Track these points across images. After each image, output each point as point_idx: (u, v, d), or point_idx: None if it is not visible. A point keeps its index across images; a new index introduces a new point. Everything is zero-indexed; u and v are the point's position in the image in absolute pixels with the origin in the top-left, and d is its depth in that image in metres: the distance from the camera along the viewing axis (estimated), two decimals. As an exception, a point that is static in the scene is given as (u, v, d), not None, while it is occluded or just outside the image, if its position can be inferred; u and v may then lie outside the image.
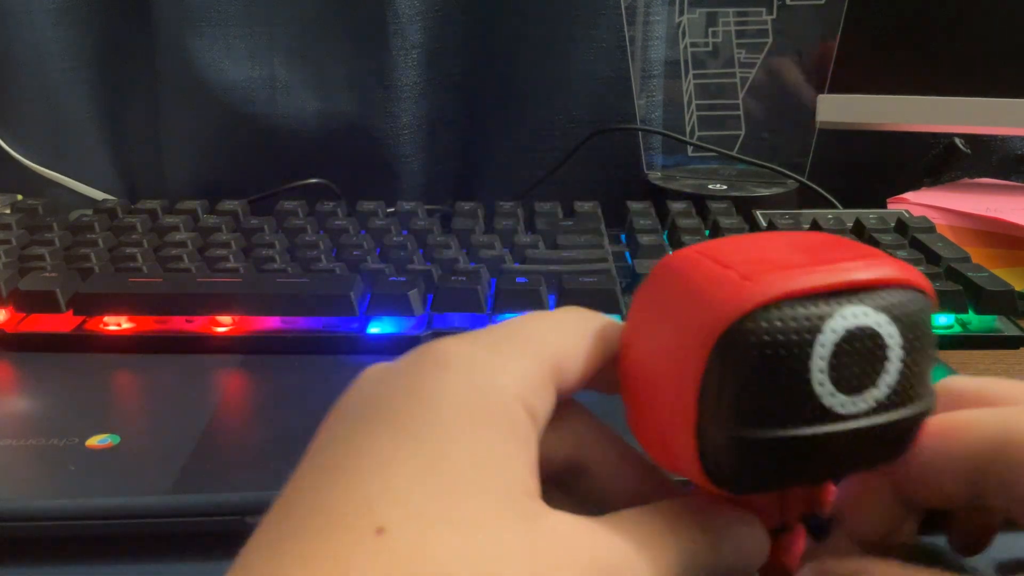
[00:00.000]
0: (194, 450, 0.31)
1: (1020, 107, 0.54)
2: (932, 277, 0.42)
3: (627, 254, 0.49)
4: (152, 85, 0.64)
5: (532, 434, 0.19)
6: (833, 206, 0.56)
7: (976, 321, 0.41)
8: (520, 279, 0.42)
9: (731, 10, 0.60)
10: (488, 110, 0.65)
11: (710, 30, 0.61)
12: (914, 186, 0.59)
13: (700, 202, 0.53)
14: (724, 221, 0.49)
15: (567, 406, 0.21)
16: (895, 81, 0.56)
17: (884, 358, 0.18)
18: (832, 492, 0.23)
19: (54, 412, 0.35)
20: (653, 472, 0.22)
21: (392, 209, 0.53)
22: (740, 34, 0.61)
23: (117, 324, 0.41)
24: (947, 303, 0.40)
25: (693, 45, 0.61)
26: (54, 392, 0.37)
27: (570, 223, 0.51)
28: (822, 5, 0.59)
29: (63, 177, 0.64)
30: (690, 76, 0.62)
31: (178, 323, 0.41)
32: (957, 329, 0.41)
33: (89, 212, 0.53)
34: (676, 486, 0.22)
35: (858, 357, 0.18)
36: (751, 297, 0.18)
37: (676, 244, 0.48)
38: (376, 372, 0.20)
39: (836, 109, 0.56)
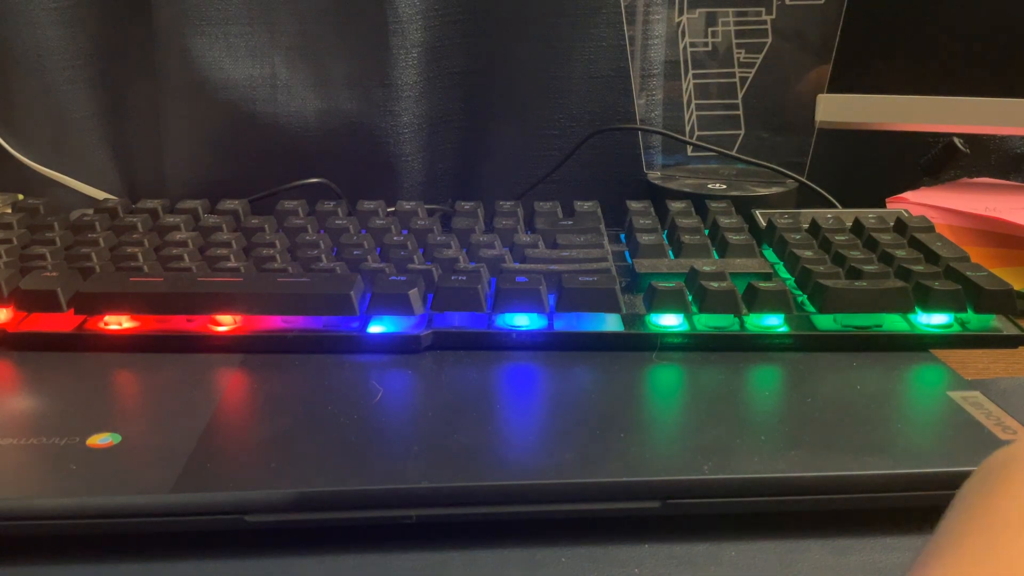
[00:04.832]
0: (195, 449, 0.32)
1: (1020, 107, 0.54)
2: (931, 277, 0.42)
3: (627, 254, 0.49)
4: (152, 84, 0.64)
5: None
6: (832, 205, 0.56)
7: (975, 320, 0.41)
8: (520, 278, 0.42)
9: (731, 10, 0.60)
10: (488, 109, 0.65)
11: (710, 30, 0.61)
12: (913, 185, 0.60)
13: (700, 202, 0.53)
14: (723, 221, 0.49)
15: None
16: (894, 81, 0.56)
17: None
18: None
19: (55, 411, 0.35)
20: None
21: (392, 209, 0.53)
22: (740, 34, 0.61)
23: (118, 323, 0.41)
24: (946, 302, 0.41)
25: (693, 45, 0.61)
26: (55, 391, 0.37)
27: (570, 223, 0.51)
28: (822, 5, 0.59)
29: (64, 176, 0.64)
30: (690, 76, 0.62)
31: (179, 322, 0.41)
32: (956, 328, 0.41)
33: (90, 211, 0.53)
34: None
35: None
36: None
37: (676, 244, 0.48)
38: None
39: (835, 109, 0.57)
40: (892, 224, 0.50)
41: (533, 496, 0.30)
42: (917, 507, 0.30)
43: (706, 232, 0.49)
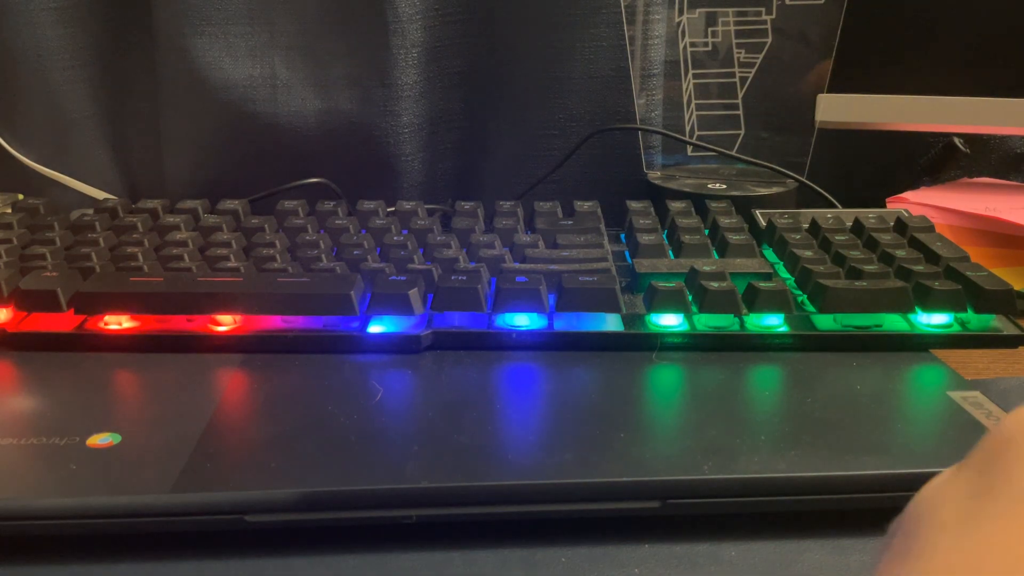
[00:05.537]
0: (195, 449, 0.32)
1: (1020, 107, 0.54)
2: (931, 276, 0.42)
3: (627, 253, 0.49)
4: (152, 84, 0.64)
5: None
6: (832, 205, 0.56)
7: (975, 320, 0.41)
8: (520, 278, 0.42)
9: (731, 10, 0.60)
10: (488, 109, 0.65)
11: (710, 30, 0.61)
12: (913, 185, 0.60)
13: (700, 202, 0.53)
14: (723, 221, 0.49)
15: None
16: (895, 81, 0.56)
17: None
18: None
19: (55, 411, 0.35)
20: None
21: (392, 208, 0.53)
22: (740, 34, 0.61)
23: (118, 323, 0.41)
24: (946, 302, 0.41)
25: (693, 45, 0.61)
26: (55, 391, 0.37)
27: (570, 223, 0.51)
28: (822, 5, 0.59)
29: (64, 176, 0.64)
30: (690, 76, 0.62)
31: (179, 322, 0.41)
32: (956, 328, 0.41)
33: (90, 211, 0.53)
34: None
35: None
36: None
37: (676, 244, 0.48)
38: None
39: (836, 109, 0.56)
40: (892, 224, 0.50)
41: (533, 496, 0.30)
42: (917, 507, 0.30)
43: (706, 232, 0.49)
